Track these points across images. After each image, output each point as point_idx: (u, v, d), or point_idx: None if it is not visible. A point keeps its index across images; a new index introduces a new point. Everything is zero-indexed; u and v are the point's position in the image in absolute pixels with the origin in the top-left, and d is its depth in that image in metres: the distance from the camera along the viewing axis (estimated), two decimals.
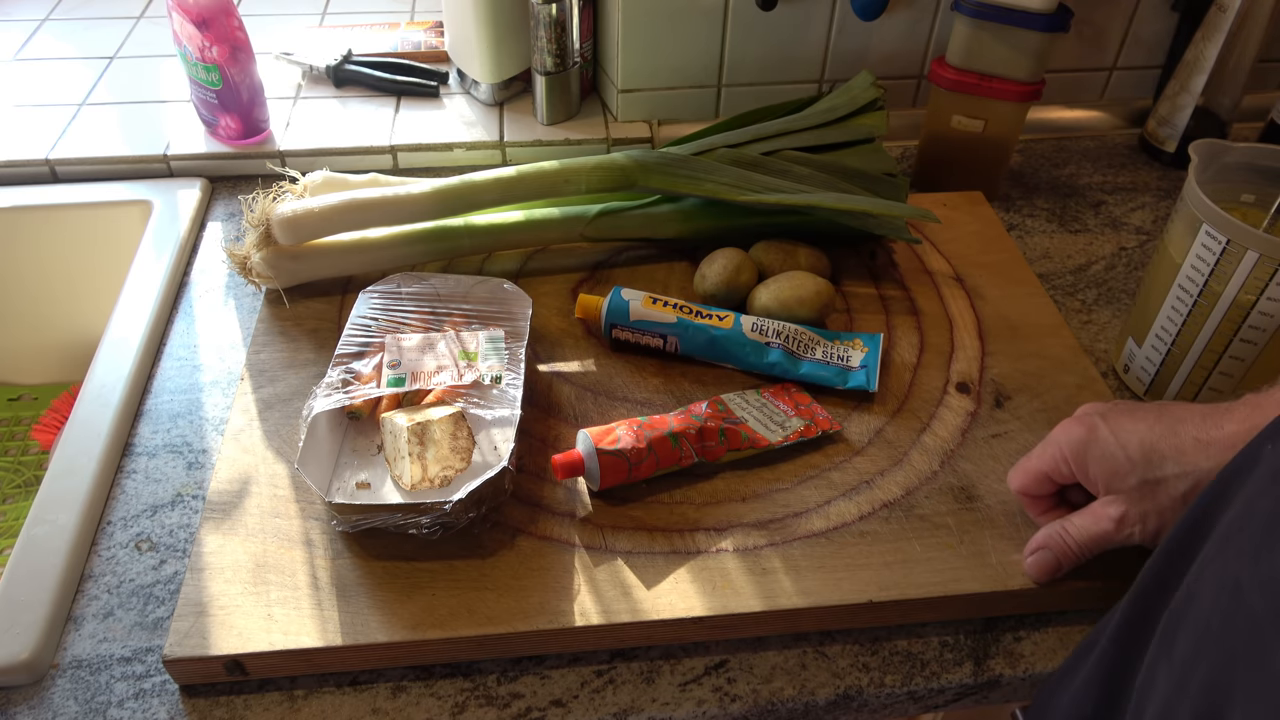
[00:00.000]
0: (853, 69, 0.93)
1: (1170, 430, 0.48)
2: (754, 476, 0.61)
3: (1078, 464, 0.51)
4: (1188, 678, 0.33)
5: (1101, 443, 0.50)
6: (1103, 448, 0.50)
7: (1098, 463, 0.50)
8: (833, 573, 0.55)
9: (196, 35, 0.81)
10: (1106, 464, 0.50)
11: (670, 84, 0.93)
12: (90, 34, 1.06)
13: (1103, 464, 0.50)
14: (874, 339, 0.69)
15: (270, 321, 0.71)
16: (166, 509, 0.61)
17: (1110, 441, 0.50)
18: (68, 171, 0.87)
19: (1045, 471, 0.54)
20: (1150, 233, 0.87)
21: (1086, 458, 0.51)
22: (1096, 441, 0.50)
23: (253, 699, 0.51)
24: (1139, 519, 0.49)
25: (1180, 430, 0.48)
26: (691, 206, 0.77)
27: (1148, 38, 0.97)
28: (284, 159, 0.89)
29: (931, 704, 0.55)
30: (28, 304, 0.90)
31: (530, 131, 0.92)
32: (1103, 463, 0.50)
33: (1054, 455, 0.53)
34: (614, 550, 0.56)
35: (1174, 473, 0.47)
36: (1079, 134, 1.00)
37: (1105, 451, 0.50)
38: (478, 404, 0.59)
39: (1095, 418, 0.52)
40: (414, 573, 0.54)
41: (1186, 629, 0.35)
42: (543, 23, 0.86)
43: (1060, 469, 0.53)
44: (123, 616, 0.55)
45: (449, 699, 0.52)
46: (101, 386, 0.67)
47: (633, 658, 0.54)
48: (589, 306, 0.69)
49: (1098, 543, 0.51)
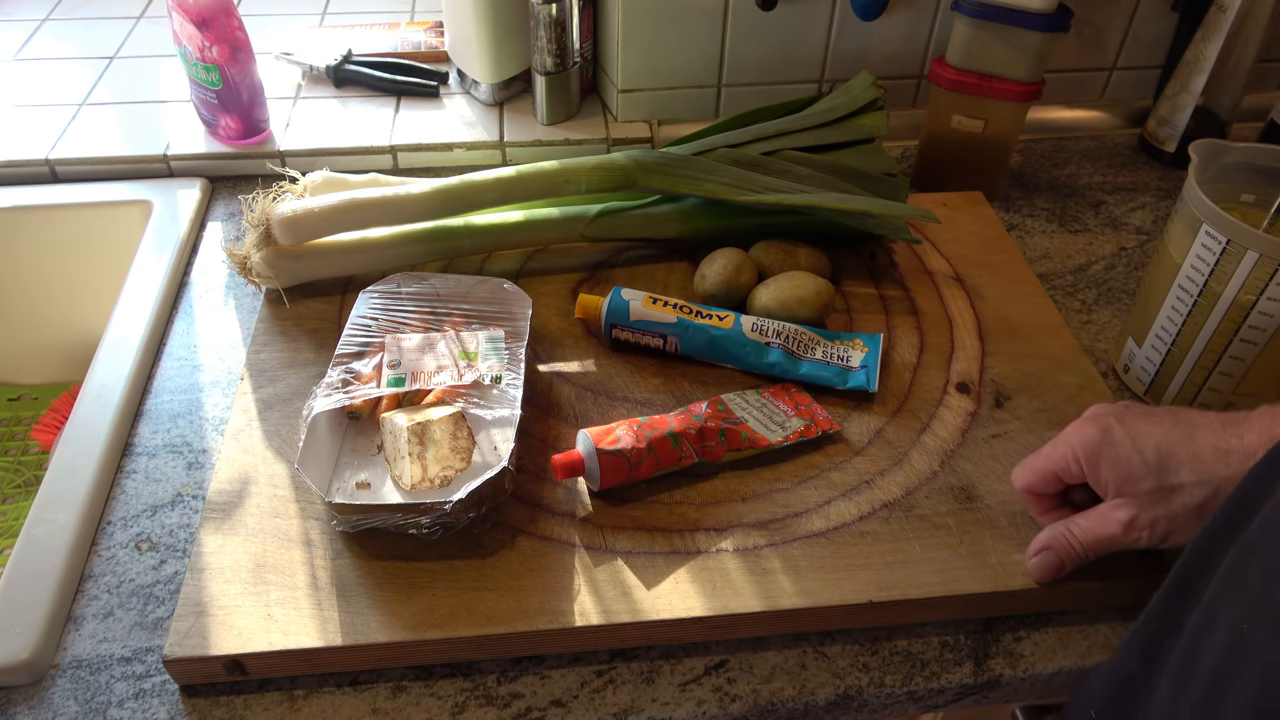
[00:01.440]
0: (853, 69, 0.93)
1: (1188, 436, 0.48)
2: (754, 476, 0.61)
3: (1089, 465, 0.51)
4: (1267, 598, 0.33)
5: (1116, 445, 0.49)
6: (1117, 450, 0.49)
7: (1111, 465, 0.49)
8: (833, 573, 0.55)
9: (196, 35, 0.81)
10: (1120, 467, 0.49)
11: (670, 84, 0.93)
12: (90, 34, 1.06)
13: (1116, 467, 0.49)
14: (874, 339, 0.69)
15: (270, 321, 0.71)
16: (166, 509, 0.61)
17: (1126, 444, 0.49)
18: (68, 171, 0.87)
19: (1054, 470, 0.53)
20: (1150, 233, 0.87)
21: (1100, 459, 0.50)
22: (1111, 444, 0.49)
23: (253, 699, 0.51)
24: (1148, 524, 0.48)
25: (1198, 437, 0.47)
26: (691, 206, 0.77)
27: (1148, 38, 0.97)
28: (284, 159, 0.89)
29: (931, 704, 0.55)
30: (28, 304, 0.90)
31: (530, 131, 0.92)
32: (1116, 465, 0.49)
33: (1065, 455, 0.52)
34: (614, 550, 0.56)
35: (1190, 480, 0.47)
36: (1079, 134, 1.00)
37: (1120, 454, 0.49)
38: (478, 404, 0.59)
39: (1110, 419, 0.51)
40: (414, 573, 0.54)
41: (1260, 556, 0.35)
42: (543, 23, 0.86)
43: (1070, 469, 0.52)
44: (123, 616, 0.55)
45: (449, 699, 0.52)
46: (101, 386, 0.67)
47: (633, 658, 0.54)
48: (589, 306, 0.69)
49: (1103, 545, 0.51)
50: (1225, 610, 0.36)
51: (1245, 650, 0.34)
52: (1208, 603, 0.37)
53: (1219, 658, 0.35)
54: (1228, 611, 0.36)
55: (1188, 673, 0.37)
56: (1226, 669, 0.35)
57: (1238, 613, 0.35)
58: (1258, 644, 0.34)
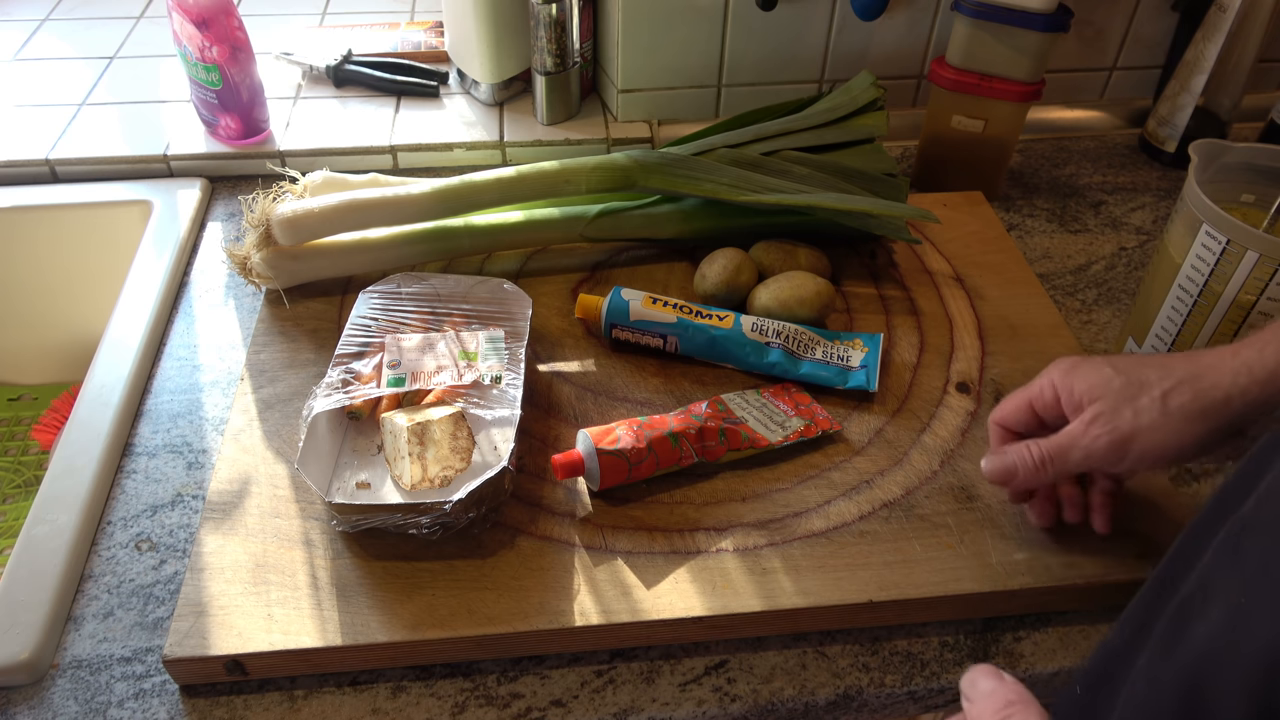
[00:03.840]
0: (853, 69, 0.93)
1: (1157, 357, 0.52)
2: (754, 476, 0.61)
3: (1064, 384, 0.53)
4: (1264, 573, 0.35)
5: (1090, 362, 0.53)
6: (1091, 364, 0.52)
7: (1084, 378, 0.52)
8: (833, 573, 0.55)
9: (196, 35, 0.81)
10: (1093, 376, 0.51)
11: (670, 84, 0.93)
12: (90, 34, 1.06)
13: (1089, 377, 0.52)
14: (874, 339, 0.69)
15: (270, 321, 0.71)
16: (166, 509, 0.61)
17: (1099, 361, 0.52)
18: (68, 171, 0.87)
19: (1028, 398, 0.55)
20: (1150, 233, 0.87)
21: (1073, 375, 0.52)
22: (1085, 361, 0.53)
23: (253, 699, 0.51)
24: (1110, 420, 0.50)
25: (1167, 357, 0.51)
26: (691, 206, 0.77)
27: (1148, 38, 0.97)
28: (284, 159, 0.89)
29: (931, 704, 0.55)
30: (28, 304, 0.90)
31: (530, 131, 0.92)
32: (1089, 376, 0.52)
33: (1040, 383, 0.54)
34: (614, 550, 0.56)
35: (1156, 376, 0.49)
36: (1079, 134, 1.00)
37: (1092, 367, 0.52)
38: (478, 404, 0.59)
39: None
40: (414, 573, 0.54)
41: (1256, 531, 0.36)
42: (543, 23, 0.86)
43: (1045, 394, 0.54)
44: (123, 616, 0.55)
45: (449, 699, 0.52)
46: (101, 386, 0.67)
47: (633, 658, 0.54)
48: (589, 306, 0.69)
49: (1062, 450, 0.52)
50: (1219, 584, 0.37)
51: (1242, 622, 0.35)
52: (1201, 575, 0.38)
53: (1212, 629, 0.36)
54: (1222, 585, 0.37)
55: (1177, 642, 0.37)
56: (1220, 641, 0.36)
57: (1233, 586, 0.36)
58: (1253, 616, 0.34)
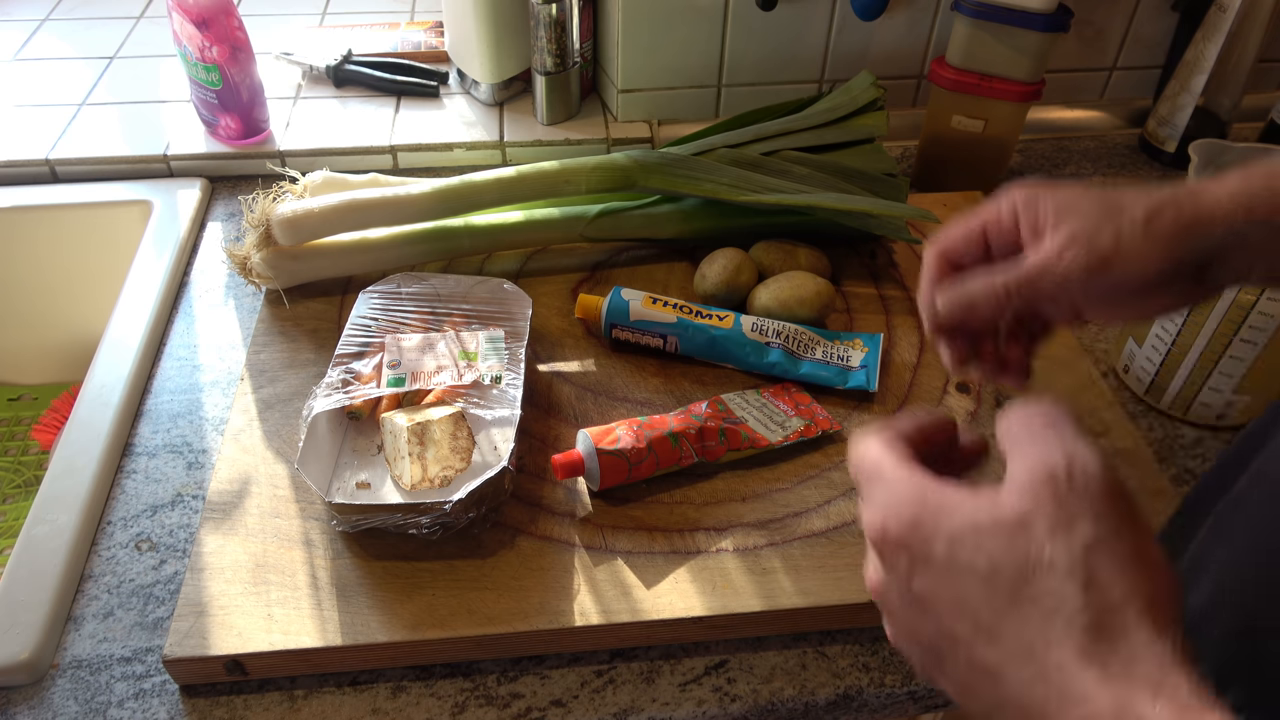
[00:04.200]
0: (853, 69, 0.93)
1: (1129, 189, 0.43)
2: (754, 476, 0.61)
3: (1026, 204, 0.43)
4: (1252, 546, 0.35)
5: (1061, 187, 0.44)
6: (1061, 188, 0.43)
7: (1052, 197, 0.43)
8: (833, 572, 0.55)
9: (196, 35, 0.81)
10: (1063, 198, 0.43)
11: (670, 84, 0.93)
12: (90, 34, 1.06)
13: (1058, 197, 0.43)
14: (874, 339, 0.69)
15: (270, 321, 0.71)
16: (166, 509, 0.61)
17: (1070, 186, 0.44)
18: (68, 171, 0.87)
19: (981, 221, 0.44)
20: None
21: (1038, 196, 0.43)
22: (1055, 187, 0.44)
23: (253, 699, 0.51)
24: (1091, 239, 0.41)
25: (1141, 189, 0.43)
26: (691, 206, 0.77)
27: (1148, 38, 0.97)
28: (284, 159, 0.89)
29: (931, 704, 0.55)
30: (28, 304, 0.90)
31: (530, 131, 0.92)
32: (1058, 196, 0.43)
33: (996, 205, 0.44)
34: (614, 550, 0.56)
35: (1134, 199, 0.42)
36: (1079, 134, 1.00)
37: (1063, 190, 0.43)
38: (478, 404, 0.59)
39: None
40: (414, 573, 0.54)
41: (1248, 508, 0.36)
42: (543, 23, 0.86)
43: (1002, 217, 0.44)
44: (123, 616, 0.55)
45: (449, 699, 0.52)
46: (101, 386, 0.67)
47: (633, 658, 0.54)
48: (589, 306, 0.69)
49: (1031, 277, 0.42)
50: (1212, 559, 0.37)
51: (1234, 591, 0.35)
52: (1194, 552, 0.38)
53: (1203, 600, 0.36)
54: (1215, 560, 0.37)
55: None
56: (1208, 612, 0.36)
57: (1224, 559, 0.36)
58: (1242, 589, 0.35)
